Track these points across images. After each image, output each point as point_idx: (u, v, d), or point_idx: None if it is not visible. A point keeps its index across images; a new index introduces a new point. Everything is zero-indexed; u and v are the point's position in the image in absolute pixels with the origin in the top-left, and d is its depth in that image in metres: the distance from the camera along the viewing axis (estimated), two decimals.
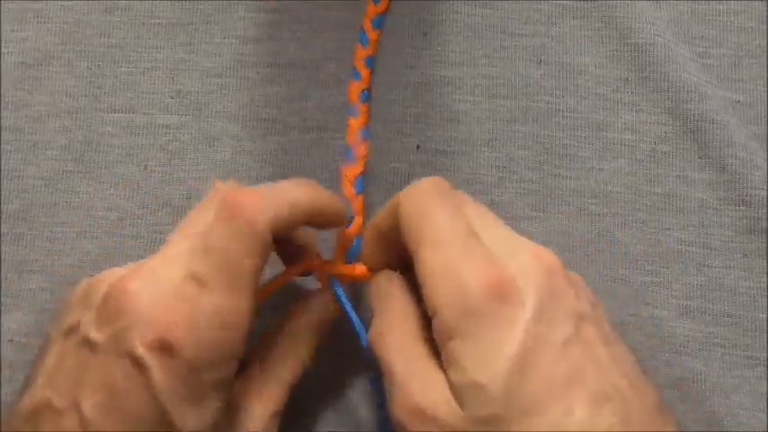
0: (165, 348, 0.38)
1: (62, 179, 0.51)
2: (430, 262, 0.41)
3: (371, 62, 0.52)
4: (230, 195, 0.41)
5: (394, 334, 0.43)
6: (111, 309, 0.40)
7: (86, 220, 0.50)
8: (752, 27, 0.53)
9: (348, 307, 0.46)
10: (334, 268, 0.47)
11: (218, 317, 0.39)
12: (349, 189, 0.48)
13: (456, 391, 0.39)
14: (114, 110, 0.52)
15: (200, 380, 0.39)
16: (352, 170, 0.49)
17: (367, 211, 0.50)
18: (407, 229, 0.42)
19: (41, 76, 0.52)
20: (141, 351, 0.38)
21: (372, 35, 0.52)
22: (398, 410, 0.40)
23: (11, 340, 0.49)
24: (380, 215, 0.46)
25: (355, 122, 0.50)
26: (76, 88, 0.52)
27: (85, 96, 0.52)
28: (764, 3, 0.54)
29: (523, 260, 0.41)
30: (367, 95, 0.51)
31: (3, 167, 0.51)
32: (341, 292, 0.46)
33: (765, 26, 0.53)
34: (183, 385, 0.39)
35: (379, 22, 0.52)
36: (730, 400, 0.49)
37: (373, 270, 0.47)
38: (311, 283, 0.48)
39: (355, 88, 0.51)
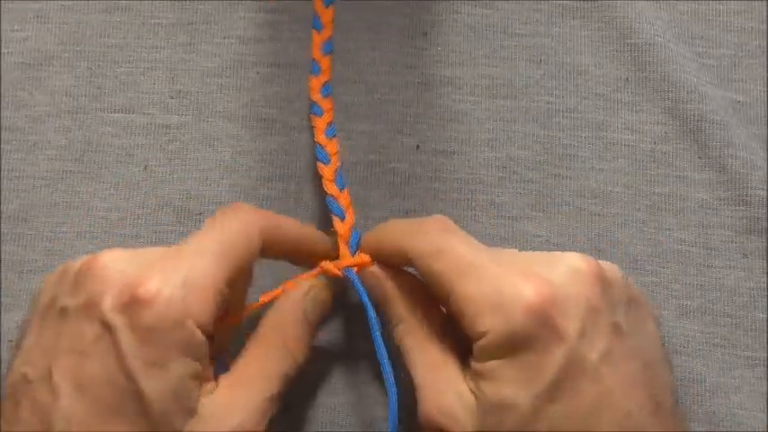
0: (131, 306, 0.39)
1: (62, 179, 0.51)
2: (468, 291, 0.40)
3: (330, 48, 0.52)
4: (236, 205, 0.44)
5: (417, 336, 0.44)
6: (84, 276, 0.41)
7: (86, 220, 0.50)
8: (752, 27, 0.53)
9: (366, 298, 0.45)
10: (344, 262, 0.47)
11: (191, 278, 0.40)
12: (331, 187, 0.49)
13: (484, 403, 0.40)
14: (114, 110, 0.52)
15: (165, 340, 0.39)
16: (328, 169, 0.49)
17: (367, 210, 0.50)
18: (429, 268, 0.42)
19: (41, 76, 0.52)
20: (109, 312, 0.39)
21: (325, 17, 0.52)
22: (422, 409, 0.41)
23: (11, 340, 0.49)
24: (383, 252, 0.46)
25: (321, 121, 0.50)
26: (76, 88, 0.52)
27: (85, 96, 0.52)
28: (764, 3, 0.54)
29: (563, 274, 0.40)
30: (329, 90, 0.51)
31: (3, 167, 0.51)
32: (359, 284, 0.46)
33: (765, 26, 0.53)
34: (147, 345, 0.39)
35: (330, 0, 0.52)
36: (730, 400, 0.49)
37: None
38: None
39: (316, 84, 0.51)
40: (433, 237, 0.43)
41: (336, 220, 0.48)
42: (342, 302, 0.49)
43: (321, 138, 0.50)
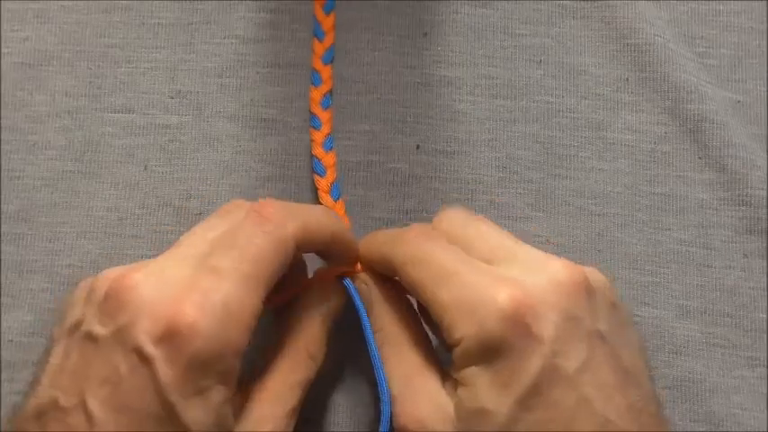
0: (170, 338, 0.38)
1: (62, 179, 0.51)
2: (444, 299, 0.40)
3: (331, 57, 0.52)
4: (262, 203, 0.42)
5: (394, 346, 0.44)
6: (113, 302, 0.39)
7: (86, 220, 0.50)
8: (752, 27, 0.53)
9: (359, 303, 0.45)
10: (336, 269, 0.46)
11: (228, 307, 0.39)
12: (327, 199, 0.49)
13: (461, 410, 0.40)
14: (114, 110, 0.52)
15: (205, 372, 0.39)
16: (324, 181, 0.49)
17: (367, 210, 0.50)
18: (409, 276, 0.42)
19: (41, 76, 0.52)
20: (146, 344, 0.38)
21: (326, 24, 0.52)
22: (397, 421, 0.42)
23: (11, 340, 0.49)
24: (372, 261, 0.46)
25: (319, 134, 0.50)
26: (76, 88, 0.52)
27: (85, 96, 0.52)
28: (764, 3, 0.54)
29: (541, 282, 0.40)
30: (329, 102, 0.51)
31: (3, 167, 0.51)
32: (353, 290, 0.46)
33: (765, 26, 0.53)
34: (187, 377, 0.38)
35: (330, 7, 0.52)
36: (730, 401, 0.49)
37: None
38: None
39: (316, 95, 0.51)
40: (413, 245, 0.42)
41: None
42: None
43: (318, 151, 0.50)
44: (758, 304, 0.50)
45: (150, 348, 0.38)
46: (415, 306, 0.46)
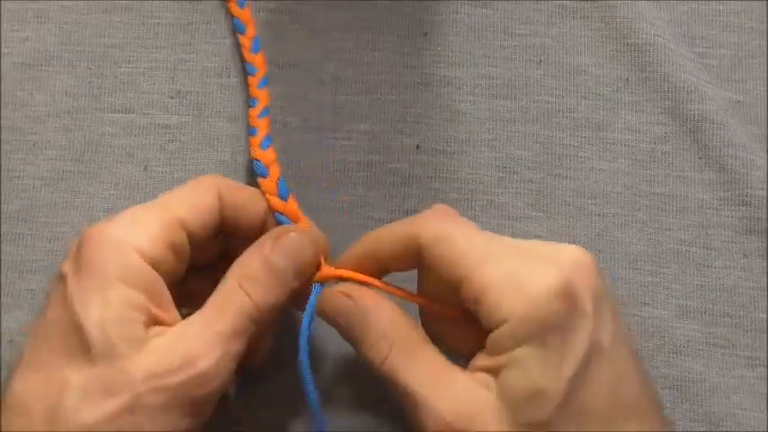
0: (77, 248, 0.40)
1: (62, 179, 0.51)
2: (486, 277, 0.39)
3: (258, 47, 0.51)
4: None
5: (406, 349, 0.41)
6: (76, 243, 0.41)
7: (86, 220, 0.50)
8: (752, 27, 0.53)
9: (309, 318, 0.43)
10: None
11: (134, 218, 0.41)
12: (275, 201, 0.46)
13: (511, 396, 0.38)
14: (114, 110, 0.52)
15: (102, 268, 0.39)
16: (268, 182, 0.47)
17: (365, 210, 0.50)
18: (440, 254, 0.41)
19: (41, 76, 0.52)
20: (63, 264, 0.40)
21: (245, 17, 0.52)
22: (435, 424, 0.39)
23: (11, 341, 0.49)
24: (383, 246, 0.43)
25: (255, 140, 0.49)
26: (76, 88, 0.52)
27: (85, 96, 0.52)
28: (764, 3, 0.54)
29: (571, 261, 0.40)
30: (266, 112, 0.50)
31: (3, 167, 0.51)
32: (314, 301, 0.44)
33: (765, 26, 0.53)
34: (85, 277, 0.39)
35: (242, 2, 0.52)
36: (730, 401, 0.49)
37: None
38: None
39: (253, 112, 0.50)
40: (441, 224, 0.42)
41: None
42: None
43: (257, 152, 0.48)
44: (758, 304, 0.50)
45: (64, 267, 0.40)
46: None
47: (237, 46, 0.52)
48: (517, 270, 0.39)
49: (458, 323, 0.42)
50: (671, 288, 0.50)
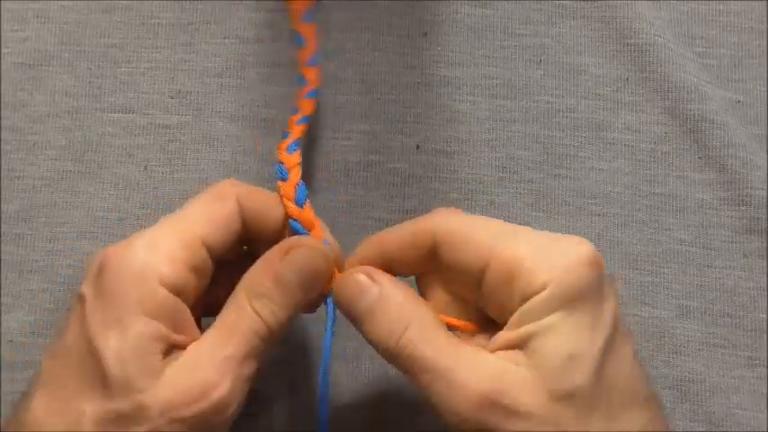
0: (98, 274, 0.39)
1: (62, 179, 0.51)
2: (519, 250, 0.39)
3: (315, 61, 0.49)
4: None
5: (427, 331, 0.40)
6: (96, 267, 0.40)
7: (86, 220, 0.50)
8: (752, 27, 0.53)
9: (330, 331, 0.43)
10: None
11: (154, 242, 0.40)
12: (291, 207, 0.44)
13: (545, 363, 0.38)
14: (114, 110, 0.52)
15: (124, 300, 0.39)
16: (286, 186, 0.45)
17: (365, 210, 0.50)
18: (462, 240, 0.41)
19: (41, 76, 0.52)
20: (83, 286, 0.40)
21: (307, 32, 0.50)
22: (464, 406, 0.38)
23: (11, 341, 0.49)
24: (390, 247, 0.43)
25: (284, 144, 0.46)
26: (76, 88, 0.52)
27: (85, 96, 0.52)
28: (764, 3, 0.54)
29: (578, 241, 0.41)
30: (306, 120, 0.48)
31: (3, 167, 0.51)
32: (333, 314, 0.43)
33: (765, 26, 0.53)
34: (105, 305, 0.39)
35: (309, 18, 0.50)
36: (730, 401, 0.49)
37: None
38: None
39: (293, 119, 0.48)
40: (454, 216, 0.42)
41: None
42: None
43: (283, 155, 0.46)
44: (758, 304, 0.50)
45: (84, 289, 0.40)
46: None
47: (237, 46, 0.52)
48: (547, 242, 0.40)
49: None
50: (671, 288, 0.50)
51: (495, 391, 0.38)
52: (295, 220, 0.44)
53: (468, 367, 0.38)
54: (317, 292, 0.42)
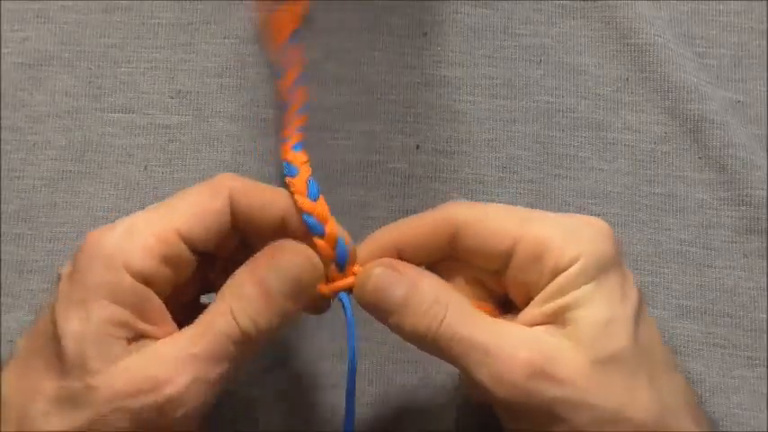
0: (76, 254, 0.39)
1: (62, 179, 0.51)
2: (545, 229, 0.40)
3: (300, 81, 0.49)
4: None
5: (465, 312, 0.40)
6: (77, 249, 0.40)
7: (86, 220, 0.50)
8: (752, 27, 0.53)
9: (351, 329, 0.42)
10: (336, 284, 0.42)
11: (132, 227, 0.40)
12: (303, 201, 0.42)
13: (581, 331, 0.39)
14: (114, 110, 0.52)
15: (91, 282, 0.39)
16: (297, 181, 0.43)
17: (365, 210, 0.50)
18: (485, 225, 0.41)
19: (41, 76, 0.52)
20: (63, 267, 0.40)
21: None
22: (514, 376, 0.38)
23: (11, 341, 0.49)
24: (406, 237, 0.42)
25: (287, 144, 0.46)
26: (76, 88, 0.52)
27: (85, 96, 0.52)
28: (764, 3, 0.54)
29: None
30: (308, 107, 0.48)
31: (3, 167, 0.51)
32: (350, 311, 0.42)
33: (765, 26, 0.53)
34: (73, 286, 0.39)
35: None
36: (730, 401, 0.49)
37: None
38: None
39: (290, 134, 0.46)
40: (472, 204, 0.43)
41: (315, 239, 0.42)
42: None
43: (289, 155, 0.45)
44: (758, 304, 0.50)
45: (63, 270, 0.40)
46: None
47: (237, 46, 0.52)
48: (569, 221, 0.41)
49: None
50: (671, 288, 0.50)
51: (541, 359, 0.38)
52: (309, 214, 0.42)
53: (512, 340, 0.39)
54: (305, 300, 0.41)
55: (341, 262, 0.42)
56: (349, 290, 0.42)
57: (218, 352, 0.39)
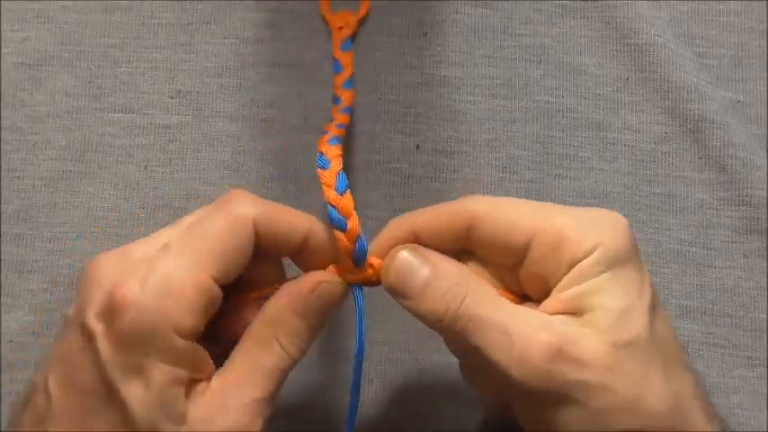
0: (109, 313, 0.38)
1: (62, 179, 0.51)
2: (563, 220, 0.40)
3: (351, 84, 0.51)
4: (234, 191, 0.41)
5: (487, 295, 0.40)
6: (79, 283, 0.40)
7: (86, 220, 0.50)
8: (752, 27, 0.53)
9: (361, 319, 0.42)
10: (352, 277, 0.43)
11: (169, 281, 0.38)
12: (331, 193, 0.42)
13: (599, 318, 0.39)
14: (114, 110, 0.52)
15: (142, 347, 0.38)
16: (327, 174, 0.43)
17: (365, 210, 0.50)
18: (504, 216, 0.41)
19: (41, 76, 0.52)
20: (90, 319, 0.38)
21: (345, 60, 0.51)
22: (534, 357, 0.38)
23: (11, 341, 0.49)
24: (422, 230, 0.42)
25: (325, 138, 0.45)
26: (76, 88, 0.52)
27: (85, 96, 0.52)
28: (764, 3, 0.54)
29: None
30: (349, 110, 0.49)
31: (3, 167, 0.51)
32: (361, 302, 0.43)
33: (765, 26, 0.53)
34: (124, 353, 0.38)
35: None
36: (730, 401, 0.49)
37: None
38: None
39: (330, 128, 0.47)
40: (488, 197, 0.42)
41: (336, 233, 0.42)
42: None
43: (324, 147, 0.45)
44: (758, 304, 0.50)
45: (93, 323, 0.38)
46: None
47: (237, 46, 0.52)
48: (585, 213, 0.41)
49: None
50: (671, 288, 0.50)
51: (561, 341, 0.38)
52: (333, 207, 0.42)
53: (533, 322, 0.39)
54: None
55: (359, 258, 0.42)
56: (364, 283, 0.43)
57: (277, 388, 0.40)
